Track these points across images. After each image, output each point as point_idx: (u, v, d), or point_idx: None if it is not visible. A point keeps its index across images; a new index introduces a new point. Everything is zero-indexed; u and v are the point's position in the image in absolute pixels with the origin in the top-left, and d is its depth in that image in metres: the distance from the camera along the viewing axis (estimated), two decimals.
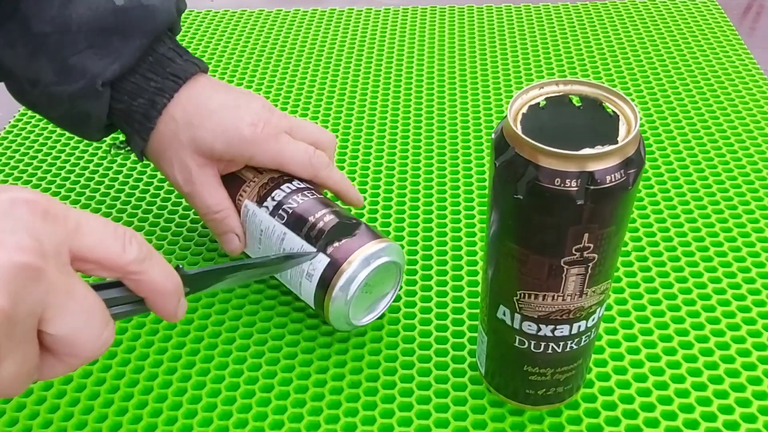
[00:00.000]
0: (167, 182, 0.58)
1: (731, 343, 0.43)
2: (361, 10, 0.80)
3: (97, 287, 0.29)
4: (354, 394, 0.42)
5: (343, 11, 0.80)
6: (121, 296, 0.30)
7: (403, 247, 0.51)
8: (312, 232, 0.42)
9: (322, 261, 0.41)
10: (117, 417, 0.41)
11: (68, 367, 0.27)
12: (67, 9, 0.41)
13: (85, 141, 0.63)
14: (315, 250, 0.42)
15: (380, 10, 0.79)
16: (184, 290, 0.32)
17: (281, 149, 0.45)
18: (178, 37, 0.76)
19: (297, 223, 0.43)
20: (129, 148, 0.48)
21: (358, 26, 0.77)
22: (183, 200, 0.56)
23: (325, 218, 0.43)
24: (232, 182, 0.46)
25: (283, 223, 0.43)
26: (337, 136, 0.62)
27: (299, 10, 0.81)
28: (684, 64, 0.68)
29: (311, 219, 0.43)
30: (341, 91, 0.67)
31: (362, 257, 0.41)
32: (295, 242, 0.43)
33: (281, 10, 0.81)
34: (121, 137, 0.48)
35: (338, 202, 0.47)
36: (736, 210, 0.52)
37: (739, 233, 0.50)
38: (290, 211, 0.44)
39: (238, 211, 0.46)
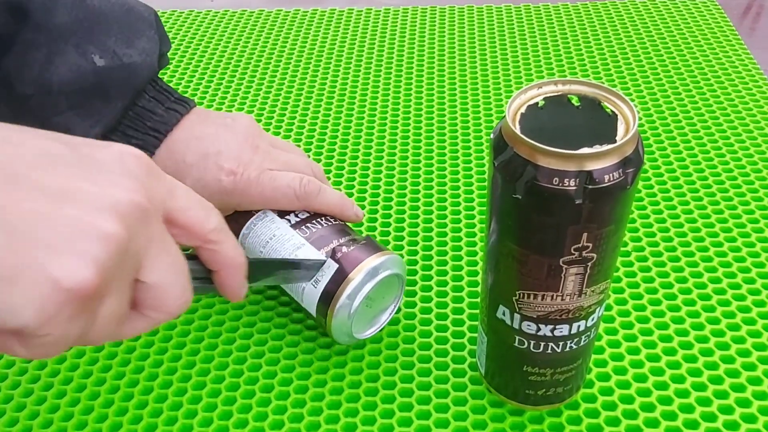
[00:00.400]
0: None
1: (731, 344, 0.43)
2: (361, 10, 0.80)
3: None
4: (354, 395, 0.42)
5: (343, 11, 0.80)
6: (194, 269, 0.31)
7: (402, 247, 0.51)
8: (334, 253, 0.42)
9: (330, 268, 0.41)
10: (117, 417, 0.41)
11: (148, 322, 0.28)
12: (48, 71, 0.41)
13: None
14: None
15: (380, 10, 0.80)
16: None
17: (263, 192, 0.44)
18: (178, 39, 0.76)
19: (318, 241, 0.43)
20: None
21: (358, 26, 0.77)
22: None
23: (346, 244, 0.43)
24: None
25: (305, 237, 0.43)
26: (336, 136, 0.62)
27: (299, 10, 0.81)
28: (684, 64, 0.68)
29: (334, 243, 0.43)
30: (341, 91, 0.67)
31: (368, 268, 0.41)
32: (310, 253, 0.42)
33: (281, 10, 0.81)
34: None
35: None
36: (736, 210, 0.52)
37: (739, 233, 0.50)
38: (314, 230, 0.43)
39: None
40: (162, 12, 0.82)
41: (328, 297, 0.41)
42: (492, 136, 0.31)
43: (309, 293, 0.42)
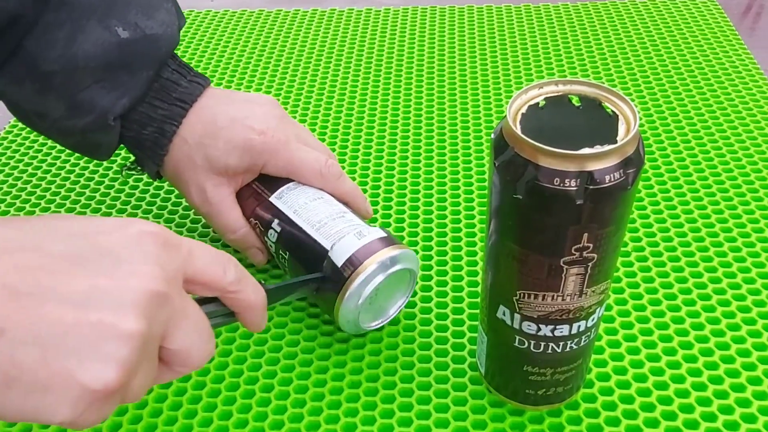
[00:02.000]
0: (167, 182, 0.58)
1: (731, 344, 0.43)
2: (361, 10, 0.80)
3: (199, 302, 0.33)
4: (354, 395, 0.42)
5: (343, 11, 0.80)
6: (217, 310, 0.33)
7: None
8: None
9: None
10: (117, 417, 0.41)
11: (177, 374, 0.31)
12: (71, 47, 0.41)
13: None
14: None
15: (380, 10, 0.79)
16: None
17: (291, 157, 0.46)
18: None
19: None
20: (141, 169, 0.49)
21: (358, 26, 0.77)
22: (183, 200, 0.56)
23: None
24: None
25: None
26: (336, 136, 0.62)
27: (299, 10, 0.81)
28: (684, 64, 0.68)
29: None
30: (341, 91, 0.67)
31: (383, 259, 0.41)
32: (355, 219, 0.44)
33: (281, 10, 0.81)
34: (130, 158, 0.49)
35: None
36: (736, 210, 0.52)
37: (739, 233, 0.50)
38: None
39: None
40: None
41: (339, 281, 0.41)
42: (492, 136, 0.31)
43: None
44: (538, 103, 0.32)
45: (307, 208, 0.45)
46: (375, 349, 0.44)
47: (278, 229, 0.45)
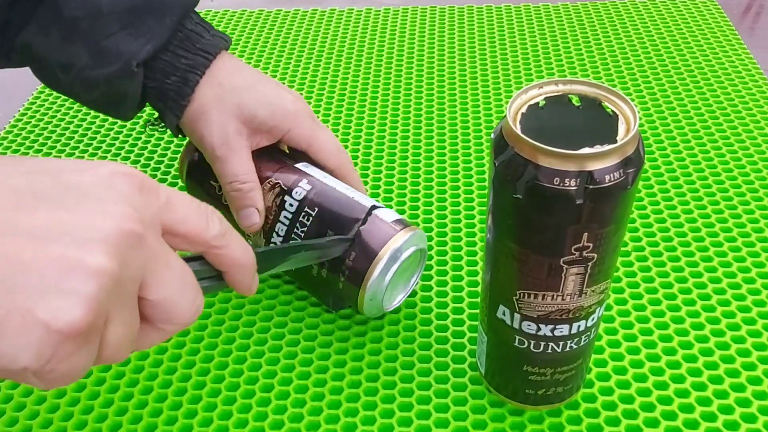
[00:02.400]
0: (167, 183, 0.58)
1: (731, 343, 0.43)
2: (361, 10, 0.80)
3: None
4: (354, 394, 0.42)
5: (343, 11, 0.80)
6: (202, 269, 0.31)
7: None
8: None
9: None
10: (117, 417, 0.41)
11: (162, 334, 0.28)
12: None
13: (85, 141, 0.63)
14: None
15: (380, 10, 0.79)
16: None
17: (316, 130, 0.47)
18: None
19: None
20: (163, 124, 0.48)
21: (358, 26, 0.77)
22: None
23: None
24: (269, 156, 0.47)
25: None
26: (337, 136, 0.62)
27: (299, 10, 0.81)
28: (684, 64, 0.68)
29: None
30: (341, 91, 0.67)
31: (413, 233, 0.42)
32: (365, 199, 0.44)
33: (281, 10, 0.81)
34: (155, 114, 0.48)
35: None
36: (736, 210, 0.52)
37: (739, 233, 0.50)
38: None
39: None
40: None
41: (358, 275, 0.42)
42: (492, 135, 0.31)
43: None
44: (538, 103, 0.32)
45: (332, 179, 0.46)
46: (375, 349, 0.44)
47: (308, 187, 0.44)
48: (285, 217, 0.44)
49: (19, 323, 0.22)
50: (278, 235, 0.44)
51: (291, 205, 0.44)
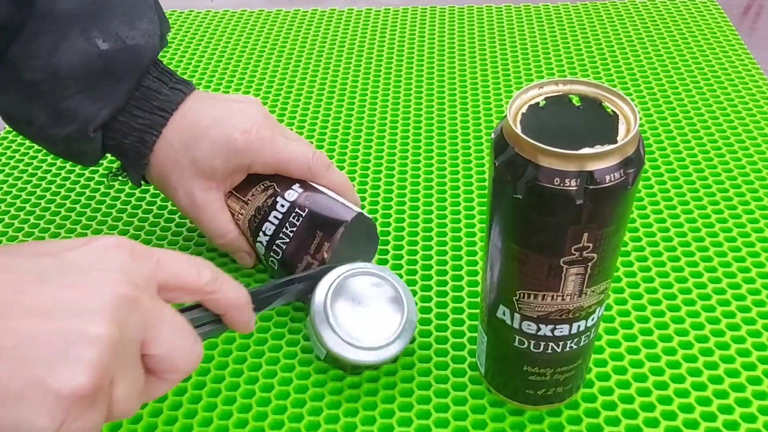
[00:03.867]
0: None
1: (731, 343, 0.43)
2: (361, 10, 0.80)
3: (182, 311, 0.32)
4: (354, 394, 0.42)
5: (343, 11, 0.80)
6: (202, 316, 0.33)
7: (402, 247, 0.51)
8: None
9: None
10: None
11: (170, 383, 0.31)
12: (54, 56, 0.41)
13: None
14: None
15: (380, 10, 0.79)
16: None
17: (278, 151, 0.46)
18: (177, 39, 0.76)
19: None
20: (126, 175, 0.49)
21: (358, 26, 0.77)
22: None
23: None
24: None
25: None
26: (336, 136, 0.62)
27: (299, 10, 0.81)
28: (684, 64, 0.68)
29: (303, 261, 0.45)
30: (341, 91, 0.67)
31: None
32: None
33: (281, 10, 0.81)
34: (116, 164, 0.49)
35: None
36: (736, 210, 0.52)
37: (739, 233, 0.50)
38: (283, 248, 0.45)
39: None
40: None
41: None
42: (493, 135, 0.31)
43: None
44: (538, 103, 0.32)
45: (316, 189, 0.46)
46: None
47: (300, 190, 0.45)
48: (275, 216, 0.45)
49: (33, 392, 0.25)
50: (265, 234, 0.45)
51: (282, 205, 0.45)
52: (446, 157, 0.59)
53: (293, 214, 0.45)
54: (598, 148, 0.28)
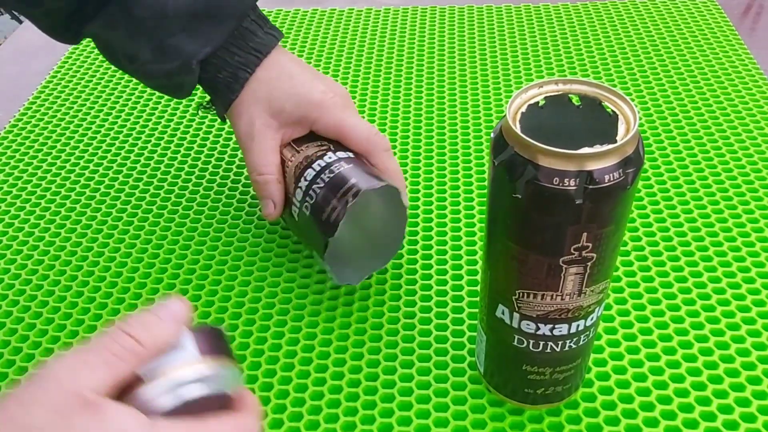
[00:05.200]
0: (167, 183, 0.58)
1: (731, 343, 0.43)
2: (362, 10, 0.80)
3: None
4: (353, 393, 0.42)
5: (344, 11, 0.80)
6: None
7: (402, 246, 0.51)
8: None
9: None
10: None
11: None
12: None
13: (85, 141, 0.63)
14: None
15: (380, 10, 0.80)
16: None
17: (344, 118, 0.47)
18: None
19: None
20: (213, 108, 0.52)
21: (359, 26, 0.77)
22: (183, 200, 0.56)
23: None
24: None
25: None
26: None
27: (299, 10, 0.81)
28: (684, 64, 0.68)
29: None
30: None
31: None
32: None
33: (281, 10, 0.81)
34: (206, 98, 0.52)
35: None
36: (736, 210, 0.52)
37: (739, 233, 0.50)
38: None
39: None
40: None
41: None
42: (492, 135, 0.32)
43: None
44: (537, 103, 0.32)
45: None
46: (374, 348, 0.44)
47: (351, 155, 0.46)
48: (318, 164, 0.46)
49: None
50: (305, 180, 0.45)
51: (329, 157, 0.46)
52: (446, 157, 0.59)
53: (336, 164, 0.45)
54: (597, 148, 0.28)
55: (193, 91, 0.50)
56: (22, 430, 0.25)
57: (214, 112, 0.52)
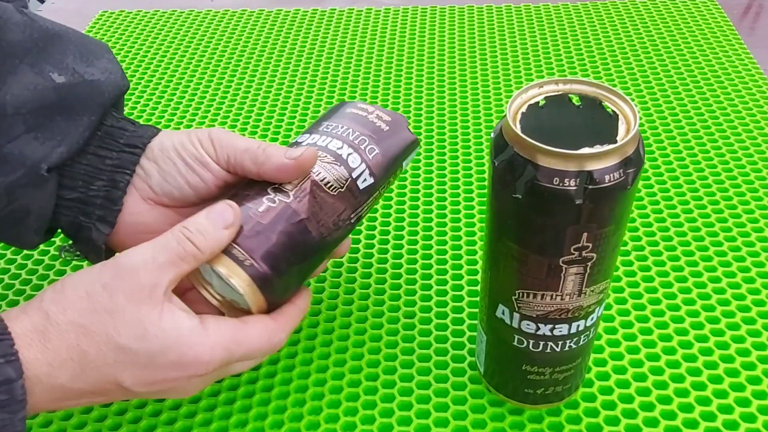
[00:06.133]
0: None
1: (731, 343, 0.43)
2: (361, 10, 0.80)
3: None
4: (353, 393, 0.42)
5: (343, 11, 0.80)
6: None
7: (402, 246, 0.51)
8: None
9: None
10: (117, 417, 0.41)
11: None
12: (0, 90, 0.36)
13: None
14: None
15: (380, 10, 0.80)
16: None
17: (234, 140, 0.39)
18: (178, 39, 0.76)
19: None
20: (79, 250, 0.41)
21: (358, 26, 0.77)
22: None
23: None
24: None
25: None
26: None
27: (299, 10, 0.81)
28: (684, 64, 0.68)
29: None
30: (341, 91, 0.67)
31: None
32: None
33: (281, 10, 0.81)
34: (61, 242, 0.42)
35: None
36: (736, 210, 0.52)
37: (739, 233, 0.50)
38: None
39: None
40: (162, 12, 0.82)
41: None
42: (492, 135, 0.32)
43: None
44: (538, 103, 0.32)
45: None
46: (374, 348, 0.44)
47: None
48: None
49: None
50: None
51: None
52: (446, 157, 0.59)
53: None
54: (597, 148, 0.28)
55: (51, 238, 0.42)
56: (105, 312, 0.32)
57: (79, 256, 0.41)
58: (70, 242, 0.41)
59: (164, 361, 0.32)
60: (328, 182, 0.38)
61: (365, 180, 0.39)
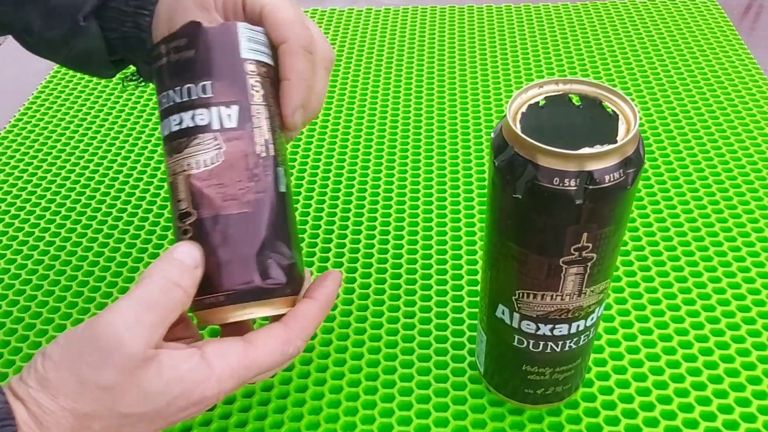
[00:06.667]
0: (166, 184, 0.58)
1: (731, 343, 0.43)
2: (362, 10, 0.80)
3: None
4: (353, 393, 0.42)
5: (344, 11, 0.80)
6: None
7: (402, 246, 0.51)
8: None
9: None
10: None
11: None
12: None
13: (86, 141, 0.63)
14: None
15: (380, 10, 0.80)
16: None
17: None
18: None
19: None
20: (141, 79, 0.45)
21: (358, 26, 0.77)
22: None
23: None
24: None
25: None
26: (336, 136, 0.62)
27: None
28: (684, 64, 0.68)
29: None
30: (341, 91, 0.67)
31: None
32: None
33: None
34: (130, 69, 0.46)
35: None
36: (736, 210, 0.52)
37: (739, 233, 0.50)
38: None
39: None
40: None
41: None
42: (492, 135, 0.31)
43: None
44: (538, 103, 0.32)
45: None
46: (374, 348, 0.44)
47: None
48: None
49: None
50: None
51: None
52: (446, 157, 0.59)
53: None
54: (597, 148, 0.28)
55: (125, 71, 0.45)
56: (97, 389, 0.29)
57: (142, 82, 0.46)
58: (132, 71, 0.46)
59: (173, 408, 0.31)
60: (205, 162, 0.33)
61: (229, 117, 0.33)
